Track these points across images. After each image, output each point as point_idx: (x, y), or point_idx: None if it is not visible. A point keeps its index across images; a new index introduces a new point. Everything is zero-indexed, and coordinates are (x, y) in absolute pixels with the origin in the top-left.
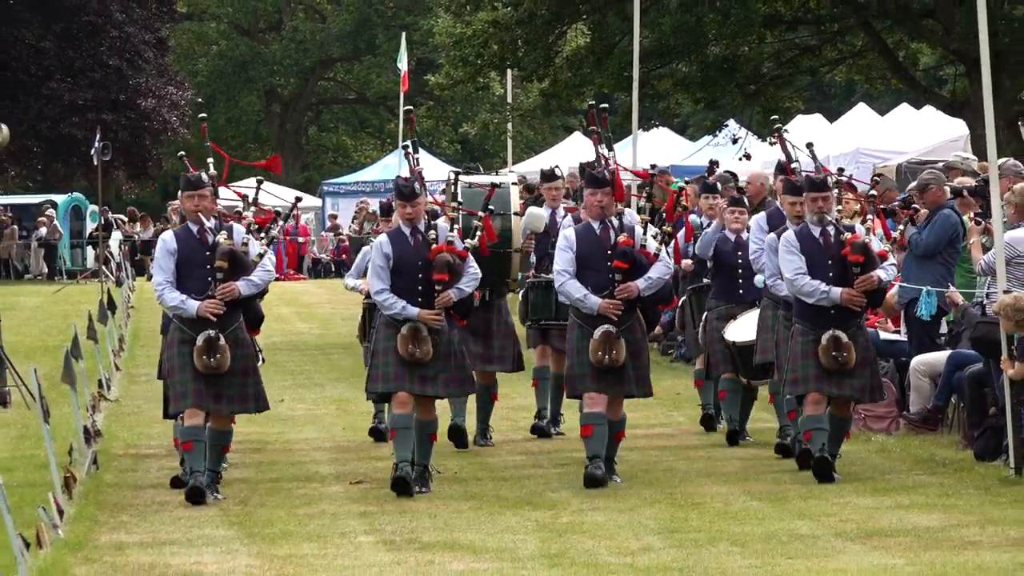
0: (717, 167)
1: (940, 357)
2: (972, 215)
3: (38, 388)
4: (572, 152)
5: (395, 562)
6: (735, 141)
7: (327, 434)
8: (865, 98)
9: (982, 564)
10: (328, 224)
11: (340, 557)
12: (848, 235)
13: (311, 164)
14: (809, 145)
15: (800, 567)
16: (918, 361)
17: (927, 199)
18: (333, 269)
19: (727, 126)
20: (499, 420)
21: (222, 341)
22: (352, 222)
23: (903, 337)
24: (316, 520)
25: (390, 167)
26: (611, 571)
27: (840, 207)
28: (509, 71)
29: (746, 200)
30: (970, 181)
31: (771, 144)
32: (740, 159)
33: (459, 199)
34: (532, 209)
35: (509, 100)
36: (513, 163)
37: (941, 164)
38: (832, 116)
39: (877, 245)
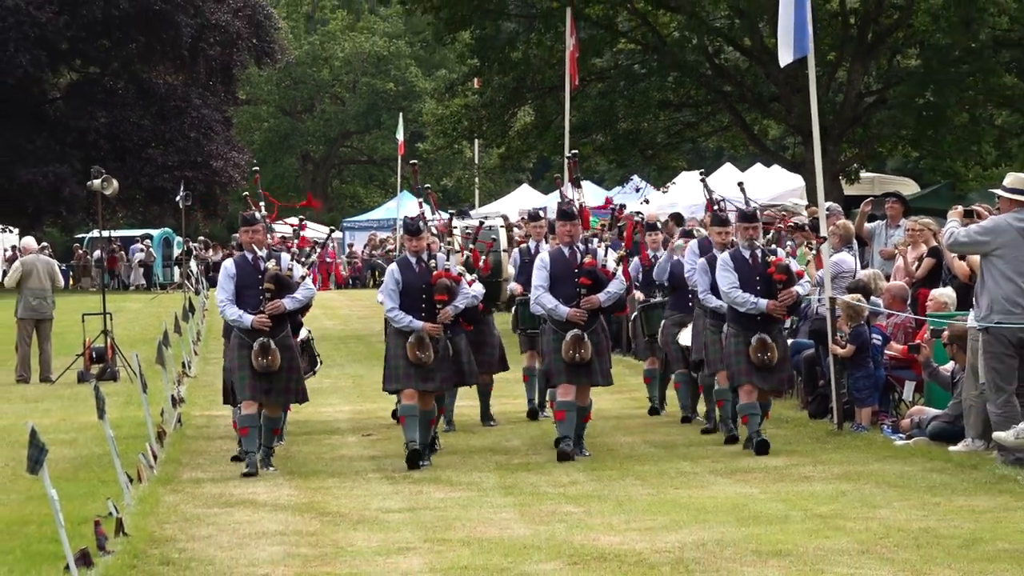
0: (624, 209)
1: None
2: (807, 243)
3: (139, 367)
4: (521, 199)
5: (394, 492)
6: (638, 190)
7: (346, 400)
8: (731, 159)
9: (814, 492)
10: (348, 251)
11: (355, 488)
12: (773, 258)
13: (335, 207)
14: (740, 184)
15: (684, 494)
16: None
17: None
18: (351, 283)
19: (632, 180)
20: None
21: (273, 346)
22: (364, 248)
23: None
24: (338, 462)
25: (391, 209)
26: (549, 498)
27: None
28: (476, 140)
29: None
30: (804, 219)
31: (663, 192)
32: (641, 203)
33: (456, 233)
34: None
35: (476, 161)
36: (479, 206)
37: (781, 207)
38: (708, 172)
39: (795, 266)
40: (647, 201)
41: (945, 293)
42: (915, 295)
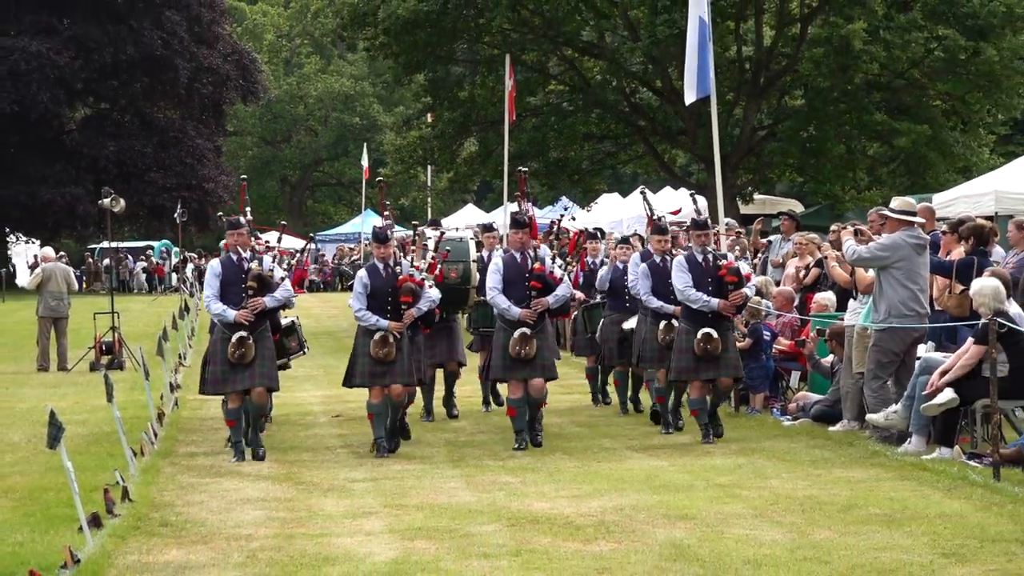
0: (557, 224)
1: None
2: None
3: (142, 358)
4: (466, 216)
5: (359, 465)
6: (566, 209)
7: (317, 387)
8: (644, 183)
9: (715, 465)
10: (318, 260)
11: (325, 462)
12: (724, 262)
13: (308, 223)
14: (692, 194)
15: (604, 467)
16: None
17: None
18: (322, 287)
19: (561, 200)
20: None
21: (250, 341)
22: (334, 257)
23: None
24: (311, 439)
25: (356, 224)
26: (490, 470)
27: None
28: (429, 166)
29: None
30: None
31: (587, 211)
32: (569, 219)
33: (426, 243)
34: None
35: (429, 184)
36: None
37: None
38: (624, 194)
39: (744, 269)
40: (574, 218)
41: (827, 297)
42: (802, 298)
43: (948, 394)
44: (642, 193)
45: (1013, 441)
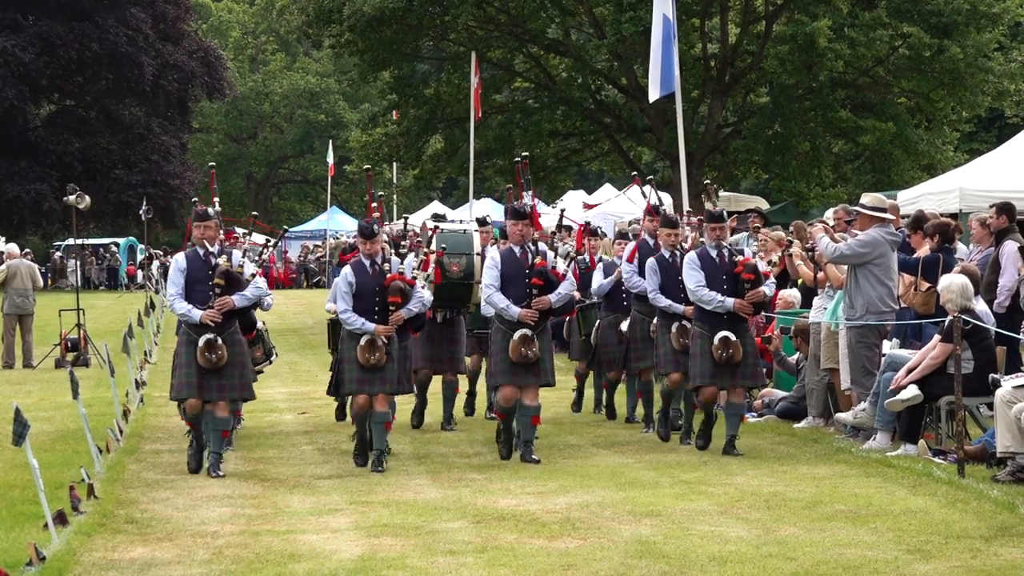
0: (561, 216)
1: None
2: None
3: (107, 355)
4: (432, 212)
5: (324, 461)
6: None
7: (283, 383)
8: (609, 180)
9: (680, 462)
10: (284, 258)
11: (291, 459)
12: (740, 258)
13: (273, 220)
14: (707, 185)
15: (571, 464)
16: None
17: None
18: (284, 284)
19: (526, 197)
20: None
21: (220, 342)
22: (299, 254)
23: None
24: (276, 437)
25: (322, 221)
26: (456, 467)
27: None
28: (394, 163)
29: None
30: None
31: (553, 208)
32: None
33: (432, 241)
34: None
35: (394, 181)
36: (397, 219)
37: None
38: (590, 191)
39: (762, 266)
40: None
41: (792, 294)
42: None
43: (912, 390)
44: (647, 183)
45: (977, 438)
